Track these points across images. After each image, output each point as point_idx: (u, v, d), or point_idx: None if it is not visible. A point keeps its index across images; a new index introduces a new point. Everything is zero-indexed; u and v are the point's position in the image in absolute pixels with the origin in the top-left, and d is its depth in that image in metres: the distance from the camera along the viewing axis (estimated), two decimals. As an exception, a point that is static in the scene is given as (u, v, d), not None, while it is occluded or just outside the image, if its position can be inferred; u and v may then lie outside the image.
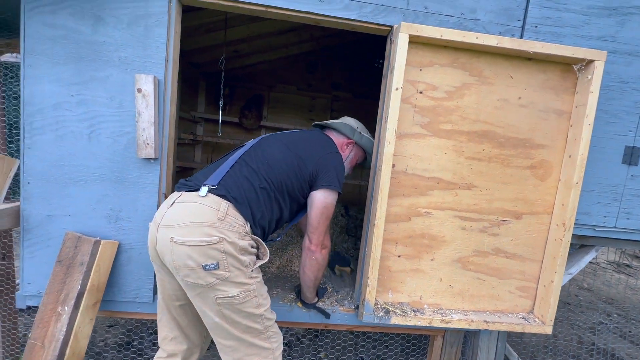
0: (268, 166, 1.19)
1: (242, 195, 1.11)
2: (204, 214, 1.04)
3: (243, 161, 1.19)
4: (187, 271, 1.01)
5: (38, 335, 1.24)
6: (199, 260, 1.00)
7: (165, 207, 1.09)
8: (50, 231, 1.36)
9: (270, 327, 1.16)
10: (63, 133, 1.31)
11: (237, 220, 1.07)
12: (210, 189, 1.09)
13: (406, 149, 1.39)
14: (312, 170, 1.24)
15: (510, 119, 1.41)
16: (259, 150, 1.24)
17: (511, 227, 1.48)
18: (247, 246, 1.08)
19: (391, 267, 1.45)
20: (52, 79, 1.28)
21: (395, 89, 1.29)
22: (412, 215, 1.44)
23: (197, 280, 1.02)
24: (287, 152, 1.24)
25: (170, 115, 1.37)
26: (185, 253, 1.00)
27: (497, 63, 1.39)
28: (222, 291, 1.03)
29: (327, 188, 1.24)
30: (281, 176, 1.19)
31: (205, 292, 1.04)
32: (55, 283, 1.29)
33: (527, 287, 1.53)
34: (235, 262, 1.04)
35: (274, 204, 1.19)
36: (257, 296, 1.10)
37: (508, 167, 1.44)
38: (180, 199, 1.09)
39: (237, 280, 1.05)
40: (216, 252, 1.01)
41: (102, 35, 1.28)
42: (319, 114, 3.52)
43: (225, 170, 1.15)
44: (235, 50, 2.78)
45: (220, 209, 1.05)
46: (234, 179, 1.13)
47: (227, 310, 1.06)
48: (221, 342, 1.12)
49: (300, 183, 1.23)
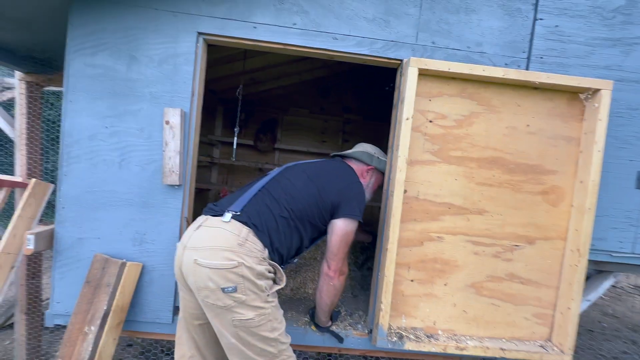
0: (290, 196, 1.25)
1: (262, 222, 1.17)
2: (226, 238, 1.10)
3: (266, 190, 1.27)
4: (207, 292, 1.07)
5: (65, 353, 1.29)
6: (219, 282, 1.06)
7: (192, 230, 1.17)
8: (80, 253, 1.44)
9: (284, 350, 1.19)
10: (97, 161, 1.42)
11: (256, 245, 1.13)
12: (233, 215, 1.16)
13: (417, 175, 1.44)
14: (335, 200, 1.29)
15: (520, 146, 1.45)
16: (282, 180, 1.31)
17: (525, 252, 1.48)
18: (265, 271, 1.13)
19: (404, 291, 1.47)
20: (89, 113, 1.41)
21: (405, 118, 1.35)
22: (424, 240, 1.46)
23: (216, 301, 1.07)
24: (310, 183, 1.31)
25: (193, 144, 1.46)
26: (207, 275, 1.06)
27: (504, 93, 1.44)
28: (239, 314, 1.08)
29: (348, 217, 1.29)
30: (302, 206, 1.25)
31: (223, 313, 1.09)
32: (83, 303, 1.36)
33: (543, 314, 1.51)
34: (252, 286, 1.09)
35: (293, 232, 1.25)
36: (272, 320, 1.14)
37: (519, 193, 1.46)
38: (205, 223, 1.17)
39: (253, 303, 1.09)
40: (235, 275, 1.06)
41: (135, 73, 1.41)
42: (331, 136, 3.61)
43: (248, 198, 1.22)
44: (252, 77, 2.93)
45: (241, 234, 1.11)
46: (256, 207, 1.20)
47: (243, 333, 1.10)
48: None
49: (322, 212, 1.29)
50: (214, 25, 1.41)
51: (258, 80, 3.08)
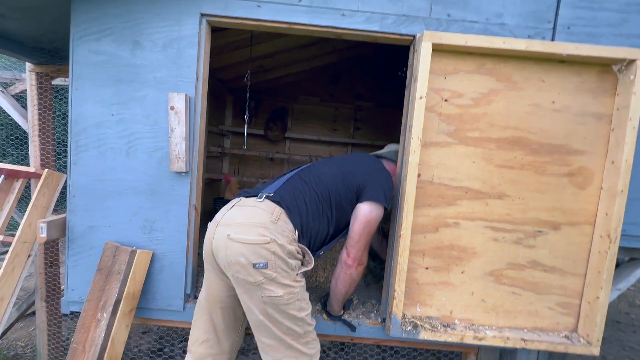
0: (319, 180, 1.28)
1: (294, 204, 1.19)
2: (259, 215, 1.13)
3: (298, 176, 1.31)
4: (238, 267, 1.08)
5: (80, 339, 1.31)
6: (250, 258, 1.06)
7: (225, 209, 1.20)
8: (92, 241, 1.45)
9: (310, 332, 1.20)
10: (104, 150, 1.42)
11: (287, 225, 1.14)
12: (267, 195, 1.19)
13: (432, 158, 1.36)
14: (360, 182, 1.28)
15: (544, 125, 1.35)
16: (312, 168, 1.35)
17: (549, 238, 1.39)
18: (294, 251, 1.14)
19: (419, 279, 1.41)
20: (95, 100, 1.40)
21: (419, 97, 1.27)
22: (439, 226, 1.39)
23: (247, 277, 1.08)
24: (337, 167, 1.33)
25: (200, 131, 1.43)
26: (239, 250, 1.07)
27: (526, 67, 1.34)
28: (269, 290, 1.09)
29: (373, 201, 1.25)
30: (329, 188, 1.26)
31: (253, 289, 1.10)
32: (95, 290, 1.37)
33: (569, 303, 1.42)
34: (283, 264, 1.10)
35: (322, 217, 1.24)
36: (300, 300, 1.15)
37: (543, 175, 1.37)
38: (239, 203, 1.21)
39: (283, 281, 1.10)
40: (266, 251, 1.07)
41: (139, 59, 1.38)
42: (342, 124, 3.54)
43: (282, 182, 1.27)
44: (260, 65, 2.88)
45: (274, 212, 1.14)
46: (289, 190, 1.23)
47: (272, 310, 1.11)
48: (263, 341, 1.17)
49: (348, 195, 1.27)
50: (217, 6, 1.36)
51: (267, 68, 3.03)
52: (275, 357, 1.17)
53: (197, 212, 1.48)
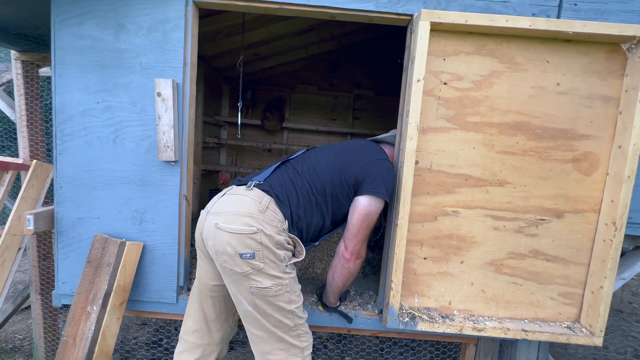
0: (313, 171, 1.21)
1: (284, 194, 1.14)
2: (247, 204, 1.09)
3: (290, 164, 1.25)
4: (225, 257, 1.05)
5: (70, 333, 1.29)
6: (237, 247, 1.03)
7: (217, 198, 1.17)
8: (81, 233, 1.42)
9: (300, 325, 1.17)
10: (90, 139, 1.37)
11: (276, 215, 1.10)
12: (256, 184, 1.15)
13: (430, 144, 1.31)
14: (358, 174, 1.20)
15: (548, 108, 1.28)
16: (307, 157, 1.29)
17: (551, 226, 1.34)
18: (284, 241, 1.10)
19: (416, 269, 1.37)
20: (79, 87, 1.34)
21: (416, 80, 1.21)
22: (438, 215, 1.35)
23: (234, 267, 1.05)
24: (334, 158, 1.25)
25: (189, 118, 1.38)
26: (226, 239, 1.04)
27: (530, 47, 1.27)
28: (256, 281, 1.06)
29: (373, 194, 1.18)
30: (325, 180, 1.20)
31: (240, 280, 1.07)
32: (85, 283, 1.34)
33: (571, 293, 1.38)
34: (271, 255, 1.06)
35: (314, 208, 1.19)
36: (289, 292, 1.12)
37: (546, 161, 1.31)
38: (230, 191, 1.17)
39: (271, 272, 1.07)
40: (253, 242, 1.04)
41: (123, 43, 1.32)
42: (341, 113, 3.47)
43: (271, 170, 1.22)
44: (256, 53, 2.80)
45: (262, 202, 1.10)
46: (279, 179, 1.18)
47: (260, 301, 1.08)
48: (252, 332, 1.15)
49: (344, 188, 1.21)
50: (204, -14, 1.29)
51: (262, 56, 2.95)
52: (265, 349, 1.15)
53: (188, 202, 1.44)
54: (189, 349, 1.25)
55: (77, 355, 1.24)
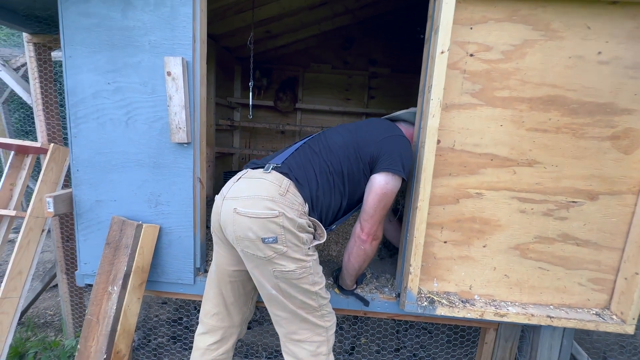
0: (329, 149, 1.18)
1: (304, 176, 1.11)
2: (266, 188, 1.05)
3: (307, 145, 1.22)
4: (247, 242, 1.03)
5: (93, 311, 1.33)
6: (259, 232, 1.01)
7: (232, 182, 1.13)
8: (100, 215, 1.44)
9: (324, 305, 1.17)
10: (103, 121, 1.36)
11: (297, 198, 1.07)
12: (274, 167, 1.12)
13: (454, 122, 1.22)
14: (374, 151, 1.16)
15: (587, 80, 1.17)
16: (323, 136, 1.25)
17: (584, 209, 1.26)
18: (305, 224, 1.07)
19: (436, 253, 1.32)
20: (90, 68, 1.32)
21: (440, 52, 1.12)
22: (460, 197, 1.28)
23: (256, 252, 1.03)
24: (349, 135, 1.21)
25: (200, 98, 1.34)
26: (247, 224, 1.01)
27: (569, 12, 1.14)
28: (280, 265, 1.04)
29: (389, 172, 1.13)
30: (341, 159, 1.16)
31: (263, 264, 1.05)
32: (105, 264, 1.36)
33: (602, 279, 1.31)
34: (293, 238, 1.04)
35: (333, 190, 1.15)
36: (312, 274, 1.10)
37: (581, 139, 1.21)
38: (245, 175, 1.13)
39: (294, 255, 1.05)
40: (275, 226, 1.01)
41: (131, 20, 1.27)
42: (355, 92, 3.35)
43: (290, 152, 1.18)
44: (267, 30, 2.70)
45: (282, 185, 1.06)
46: (297, 160, 1.15)
47: (284, 284, 1.07)
48: (276, 314, 1.15)
49: (360, 165, 1.17)
50: (211, -45, 1.21)
51: (274, 34, 2.85)
52: (290, 329, 1.14)
53: (202, 185, 1.43)
54: (209, 331, 1.26)
55: (100, 332, 1.28)
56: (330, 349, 1.20)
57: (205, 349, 1.26)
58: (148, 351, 1.95)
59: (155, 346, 2.03)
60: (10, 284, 1.50)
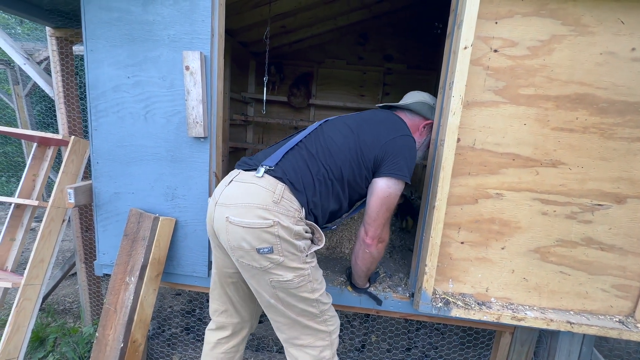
0: (328, 152, 1.10)
1: (299, 179, 1.04)
2: (259, 195, 0.99)
3: (303, 144, 1.12)
4: (241, 252, 0.99)
5: (111, 301, 1.36)
6: (253, 243, 0.97)
7: (223, 185, 1.07)
8: (118, 207, 1.46)
9: (326, 310, 1.13)
10: (123, 115, 1.38)
11: (292, 204, 1.01)
12: (267, 169, 1.04)
13: (474, 120, 1.19)
14: (378, 154, 1.10)
15: (618, 78, 1.12)
16: (320, 134, 1.15)
17: (610, 213, 1.21)
18: (302, 231, 1.02)
19: (452, 254, 1.30)
20: (110, 62, 1.33)
21: (463, 47, 1.09)
22: (479, 197, 1.25)
23: (251, 262, 0.99)
24: (350, 135, 1.13)
25: (217, 93, 1.34)
26: (240, 235, 0.97)
27: (601, 6, 1.09)
28: (277, 275, 1.00)
29: (393, 176, 1.09)
30: (341, 163, 1.09)
31: (259, 274, 1.01)
32: (123, 255, 1.39)
33: (627, 285, 1.26)
34: (290, 247, 0.99)
35: (331, 195, 1.10)
36: (312, 281, 1.06)
37: (610, 139, 1.16)
38: (237, 178, 1.06)
39: (291, 265, 1.00)
40: (270, 236, 0.97)
41: (151, 14, 1.28)
42: (370, 88, 3.31)
43: (283, 152, 1.09)
44: (283, 25, 2.69)
45: (276, 191, 1.00)
46: (292, 162, 1.07)
47: (282, 294, 1.04)
48: (276, 320, 1.12)
49: (362, 171, 1.11)
50: (231, -52, 1.20)
51: (290, 29, 2.83)
52: (291, 335, 1.12)
53: (217, 179, 1.43)
54: (219, 328, 1.26)
55: (118, 321, 1.31)
56: (334, 352, 1.17)
57: (216, 342, 1.27)
58: (162, 341, 2.00)
59: (169, 336, 2.07)
60: (32, 271, 1.55)
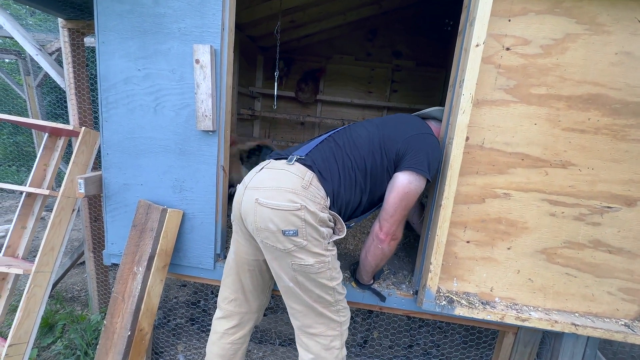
0: (353, 144, 1.16)
1: (327, 169, 1.09)
2: (289, 180, 1.04)
3: (332, 138, 1.20)
4: (267, 234, 1.03)
5: (119, 290, 1.39)
6: (280, 225, 1.00)
7: (254, 172, 1.13)
8: (127, 198, 1.48)
9: (340, 301, 1.16)
10: (133, 107, 1.39)
11: (319, 192, 1.05)
12: (297, 158, 1.10)
13: (484, 118, 1.18)
14: (401, 147, 1.13)
15: (633, 79, 1.10)
16: (348, 130, 1.23)
17: (619, 215, 1.20)
18: (326, 219, 1.06)
19: (458, 253, 1.30)
20: (122, 54, 1.35)
21: (475, 45, 1.07)
22: (486, 197, 1.24)
23: (276, 244, 1.03)
24: (375, 130, 1.18)
25: (226, 87, 1.35)
26: (268, 215, 1.01)
27: (617, 4, 1.07)
28: (299, 258, 1.04)
29: (414, 171, 1.10)
30: (365, 154, 1.13)
31: (282, 256, 1.05)
32: (131, 245, 1.41)
33: (634, 289, 1.25)
34: (314, 232, 1.03)
35: (354, 186, 1.13)
36: (331, 269, 1.09)
37: (622, 141, 1.14)
38: (268, 165, 1.13)
39: (314, 250, 1.04)
40: (296, 219, 1.00)
41: (162, 7, 1.29)
42: (378, 85, 3.29)
43: (314, 145, 1.16)
44: (292, 20, 2.68)
45: (305, 177, 1.05)
46: (321, 153, 1.13)
47: (302, 277, 1.07)
48: (292, 306, 1.15)
49: (384, 162, 1.14)
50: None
51: (299, 24, 2.82)
52: (305, 323, 1.15)
53: (225, 173, 1.45)
54: (227, 317, 1.29)
55: (126, 310, 1.33)
56: (343, 343, 1.20)
57: (223, 332, 1.29)
58: (167, 330, 2.03)
59: (174, 326, 2.11)
60: (43, 259, 1.58)
